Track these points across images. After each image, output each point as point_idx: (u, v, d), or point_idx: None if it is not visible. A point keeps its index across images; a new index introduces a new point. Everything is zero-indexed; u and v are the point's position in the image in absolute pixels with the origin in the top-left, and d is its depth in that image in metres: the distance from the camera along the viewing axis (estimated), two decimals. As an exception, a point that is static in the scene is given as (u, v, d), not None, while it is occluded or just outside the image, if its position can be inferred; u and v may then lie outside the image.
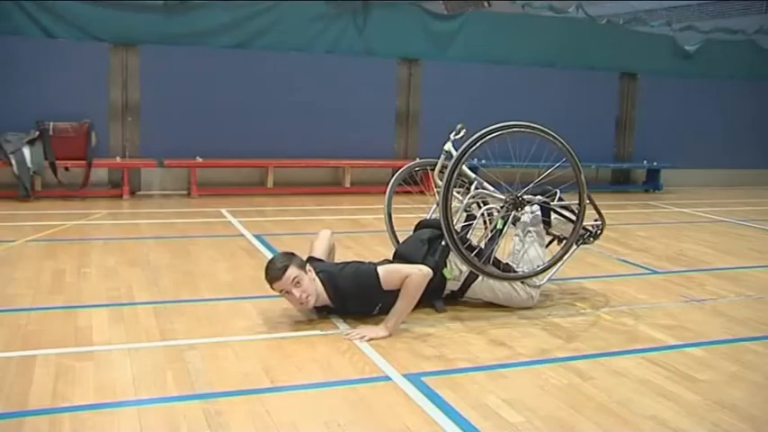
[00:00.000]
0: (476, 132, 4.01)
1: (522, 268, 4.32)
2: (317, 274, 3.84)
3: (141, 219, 7.13)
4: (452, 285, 4.25)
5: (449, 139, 4.69)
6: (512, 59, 10.23)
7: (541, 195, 4.45)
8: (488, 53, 10.08)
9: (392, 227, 4.89)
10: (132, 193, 8.41)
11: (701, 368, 3.44)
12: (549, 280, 4.47)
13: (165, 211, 7.55)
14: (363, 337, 3.63)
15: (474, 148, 3.97)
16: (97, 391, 2.93)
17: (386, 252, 5.04)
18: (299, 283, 3.69)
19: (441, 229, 4.02)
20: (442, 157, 4.68)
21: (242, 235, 6.30)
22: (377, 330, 3.70)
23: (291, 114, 9.13)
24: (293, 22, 9.10)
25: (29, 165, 7.78)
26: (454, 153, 4.21)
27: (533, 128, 4.13)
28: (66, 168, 8.07)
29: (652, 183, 10.85)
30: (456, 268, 4.19)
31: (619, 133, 11.03)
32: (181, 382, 3.04)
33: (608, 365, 3.43)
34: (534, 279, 4.31)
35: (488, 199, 4.52)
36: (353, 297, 3.85)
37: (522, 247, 4.45)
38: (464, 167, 4.16)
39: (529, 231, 4.48)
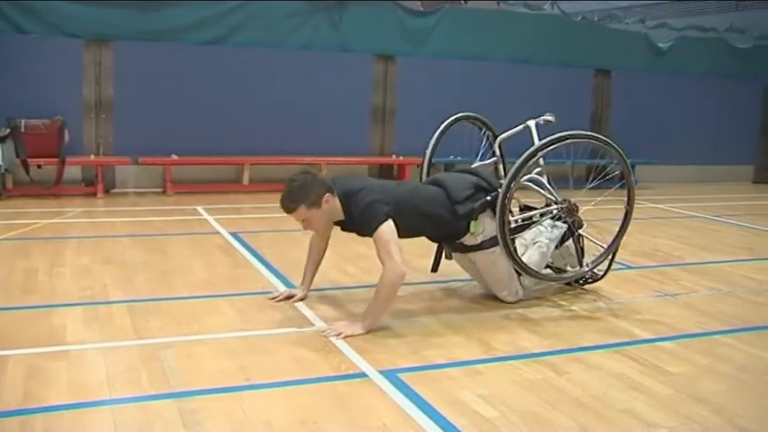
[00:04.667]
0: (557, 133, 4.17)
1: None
2: (338, 192, 3.88)
3: (116, 217, 7.07)
4: (468, 239, 4.23)
5: (533, 118, 4.74)
6: (487, 56, 10.28)
7: (573, 221, 4.48)
8: (464, 50, 10.12)
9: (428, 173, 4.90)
10: (107, 191, 8.34)
11: (674, 362, 3.48)
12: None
13: (139, 209, 7.49)
14: (340, 334, 3.62)
15: (544, 152, 4.14)
16: (71, 391, 2.90)
17: (364, 249, 5.04)
18: (307, 221, 3.84)
19: (486, 182, 4.21)
20: (520, 127, 4.72)
21: (218, 232, 6.27)
22: (353, 328, 3.68)
23: (267, 111, 9.10)
24: (268, 18, 9.07)
25: (0, 162, 7.68)
26: (534, 131, 4.50)
27: (596, 138, 4.40)
28: (39, 166, 7.99)
29: (627, 179, 10.90)
30: (482, 227, 4.18)
31: (594, 130, 11.04)
32: (156, 381, 3.02)
33: (583, 360, 3.45)
34: (529, 282, 4.36)
35: (540, 192, 4.54)
36: (357, 225, 3.89)
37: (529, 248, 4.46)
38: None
39: (538, 241, 4.46)
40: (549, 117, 4.69)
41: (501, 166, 4.90)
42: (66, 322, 3.73)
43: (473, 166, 4.76)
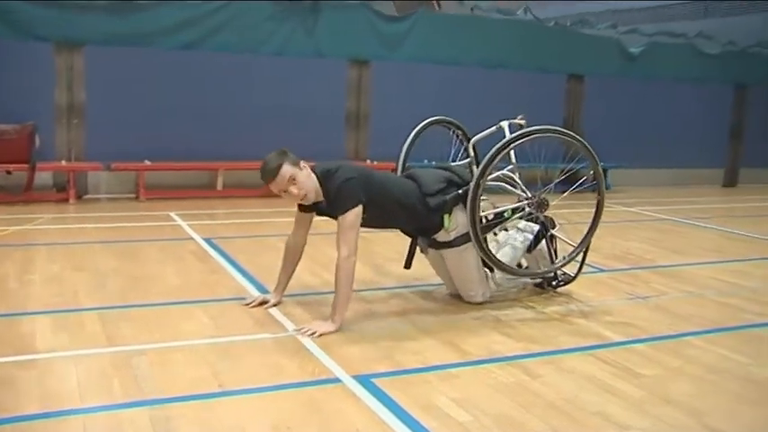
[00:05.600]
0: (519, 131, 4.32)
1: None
2: (316, 173, 3.91)
3: (88, 223, 6.98)
4: (441, 236, 4.28)
5: (506, 119, 4.82)
6: (461, 61, 10.32)
7: (545, 220, 4.54)
8: (438, 54, 10.15)
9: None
10: (79, 197, 8.24)
11: (645, 364, 3.52)
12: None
13: (112, 215, 7.41)
14: (314, 333, 3.66)
15: (513, 145, 4.25)
16: (41, 400, 2.86)
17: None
18: (294, 180, 3.79)
19: (459, 177, 4.27)
20: (493, 129, 4.79)
21: (191, 238, 6.22)
22: (326, 326, 3.74)
23: (241, 116, 9.06)
24: (242, 23, 9.02)
25: (-31, 168, 7.58)
26: (507, 132, 4.51)
27: (561, 132, 4.50)
28: (9, 172, 7.87)
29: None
30: (455, 222, 4.22)
31: (567, 134, 11.19)
32: (128, 389, 2.99)
33: (556, 363, 3.48)
34: (501, 278, 4.45)
35: (513, 191, 4.59)
36: (331, 203, 3.90)
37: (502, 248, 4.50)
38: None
39: (511, 243, 4.50)
40: (519, 120, 4.75)
41: (475, 167, 4.94)
42: (36, 330, 3.68)
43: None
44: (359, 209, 3.80)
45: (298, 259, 4.29)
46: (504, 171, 4.55)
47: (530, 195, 4.48)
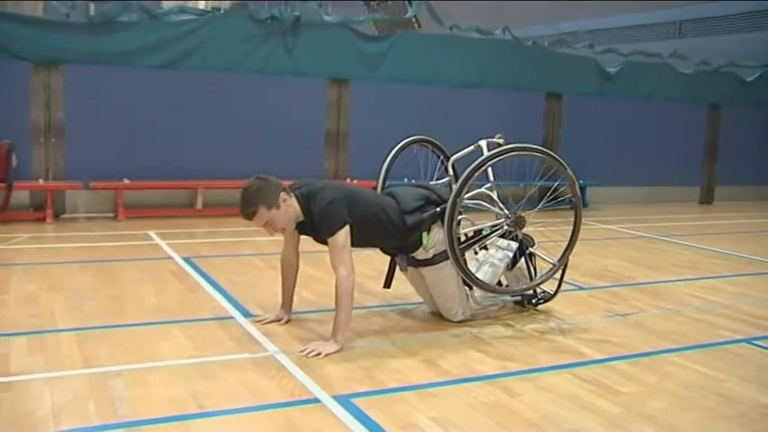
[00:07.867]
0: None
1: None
2: (296, 193, 3.92)
3: (65, 242, 6.92)
4: (420, 254, 4.29)
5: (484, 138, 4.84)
6: (441, 80, 10.39)
7: (524, 238, 4.58)
8: (417, 74, 10.21)
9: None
10: (56, 217, 8.17)
11: (624, 381, 3.54)
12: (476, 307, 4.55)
13: (90, 235, 7.35)
14: (319, 354, 3.67)
15: (490, 163, 4.28)
16: (14, 423, 2.82)
17: (318, 273, 5.04)
18: (270, 223, 3.83)
19: (437, 196, 4.28)
20: (471, 148, 4.81)
21: (170, 258, 6.19)
22: (328, 346, 3.75)
23: (221, 135, 9.04)
24: (222, 43, 9.02)
25: (-56, 188, 7.49)
26: (485, 150, 4.54)
27: (538, 150, 4.54)
28: (-15, 191, 7.79)
29: (578, 200, 11.10)
30: (434, 240, 4.23)
31: (545, 152, 11.27)
32: (104, 411, 2.96)
33: (535, 381, 3.49)
34: (480, 296, 4.44)
35: (491, 208, 4.62)
36: (315, 225, 3.90)
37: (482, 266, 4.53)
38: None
39: (490, 261, 4.53)
40: (497, 139, 4.79)
41: (454, 186, 4.96)
42: (10, 352, 3.64)
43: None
44: (346, 228, 3.82)
45: (295, 273, 4.31)
46: (482, 189, 4.59)
47: (507, 213, 4.51)
